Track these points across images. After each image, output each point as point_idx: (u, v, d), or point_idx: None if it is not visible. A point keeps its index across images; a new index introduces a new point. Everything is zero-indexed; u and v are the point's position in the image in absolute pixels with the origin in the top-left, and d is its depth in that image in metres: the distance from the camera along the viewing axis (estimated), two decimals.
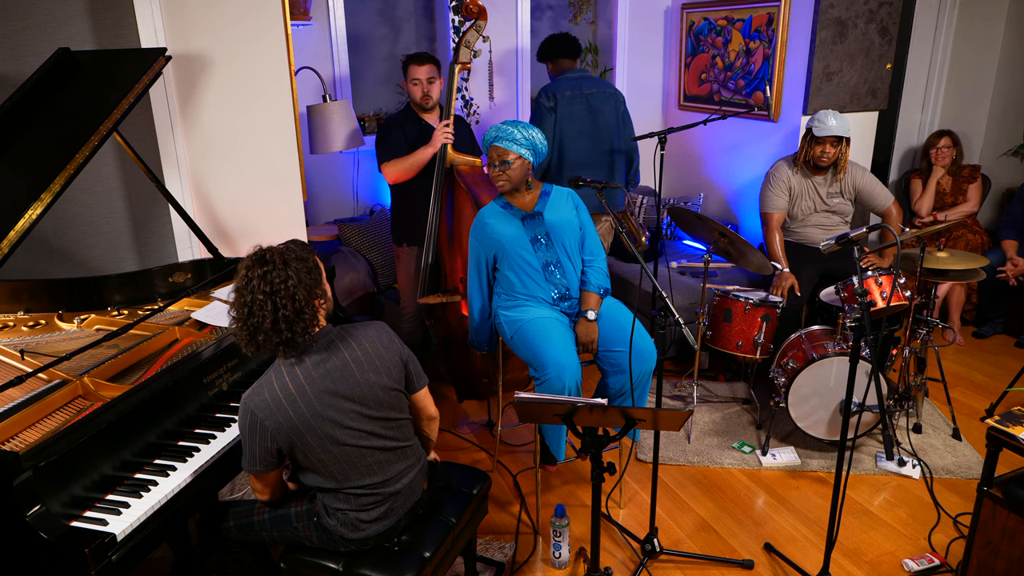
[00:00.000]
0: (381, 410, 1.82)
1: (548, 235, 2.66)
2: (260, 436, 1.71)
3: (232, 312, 1.72)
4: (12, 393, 1.83)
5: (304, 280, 1.71)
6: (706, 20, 4.56)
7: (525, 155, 2.58)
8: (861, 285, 2.12)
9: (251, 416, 1.71)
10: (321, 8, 4.15)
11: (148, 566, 2.47)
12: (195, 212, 2.92)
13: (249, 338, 1.70)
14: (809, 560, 2.52)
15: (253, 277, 1.68)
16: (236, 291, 1.71)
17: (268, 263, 1.69)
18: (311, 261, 1.76)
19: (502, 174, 2.59)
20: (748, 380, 3.74)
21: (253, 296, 1.67)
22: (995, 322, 4.37)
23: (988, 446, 2.08)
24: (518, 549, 2.62)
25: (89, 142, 2.14)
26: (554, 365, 2.43)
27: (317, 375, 1.74)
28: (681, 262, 4.30)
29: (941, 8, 4.55)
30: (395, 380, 1.86)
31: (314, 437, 1.73)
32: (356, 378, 1.78)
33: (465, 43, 3.30)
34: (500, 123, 2.62)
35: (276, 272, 1.68)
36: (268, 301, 1.66)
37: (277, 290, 1.67)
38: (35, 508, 1.55)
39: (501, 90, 4.63)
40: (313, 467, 1.79)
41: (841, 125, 3.48)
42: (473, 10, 3.31)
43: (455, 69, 3.30)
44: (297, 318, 1.69)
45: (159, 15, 2.67)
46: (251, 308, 1.67)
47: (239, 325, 1.70)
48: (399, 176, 3.34)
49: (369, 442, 1.80)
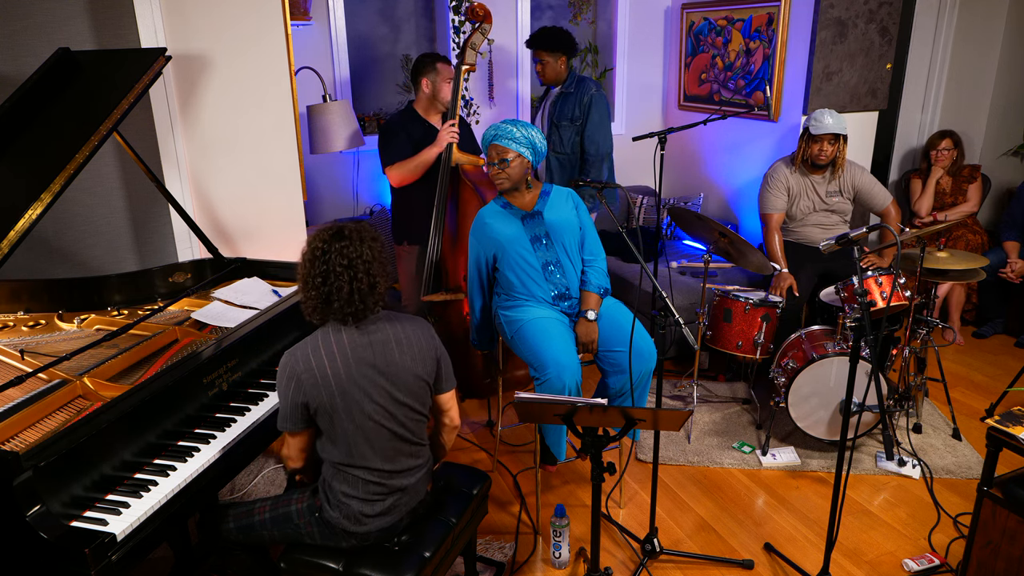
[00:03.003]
0: (408, 397, 1.86)
1: (548, 235, 2.66)
2: (295, 389, 1.77)
3: (301, 278, 1.79)
4: (12, 393, 1.83)
5: (378, 257, 1.80)
6: (706, 20, 4.56)
7: (525, 154, 2.58)
8: (861, 285, 2.12)
9: (290, 368, 1.78)
10: (321, 8, 4.15)
11: (148, 566, 2.47)
12: (195, 212, 2.92)
13: (322, 304, 1.77)
14: (809, 560, 2.52)
15: (331, 249, 1.75)
16: (309, 260, 1.77)
17: (346, 238, 1.76)
18: (381, 240, 1.84)
19: (501, 172, 2.59)
20: (748, 380, 3.74)
21: (330, 266, 1.74)
22: (995, 322, 4.37)
23: (988, 446, 2.08)
24: (518, 549, 2.62)
25: (89, 142, 2.14)
26: (554, 365, 2.43)
27: (360, 344, 1.80)
28: (681, 262, 4.30)
29: (941, 8, 4.55)
30: (427, 372, 1.90)
31: (344, 399, 1.78)
32: (394, 357, 1.83)
33: (471, 45, 3.32)
34: (500, 122, 2.63)
35: (354, 247, 1.76)
36: (345, 273, 1.74)
37: (355, 264, 1.75)
38: (35, 508, 1.54)
39: (501, 90, 4.63)
40: (331, 435, 1.82)
41: (837, 123, 3.48)
42: (479, 13, 3.34)
43: (461, 71, 3.32)
44: (371, 291, 1.78)
45: (159, 15, 2.67)
46: (326, 277, 1.74)
47: (311, 292, 1.77)
48: (405, 178, 3.33)
49: (389, 424, 1.83)
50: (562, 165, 3.84)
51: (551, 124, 3.82)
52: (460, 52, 3.34)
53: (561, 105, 3.78)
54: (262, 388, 2.24)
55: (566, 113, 3.76)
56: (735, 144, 4.55)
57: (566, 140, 3.79)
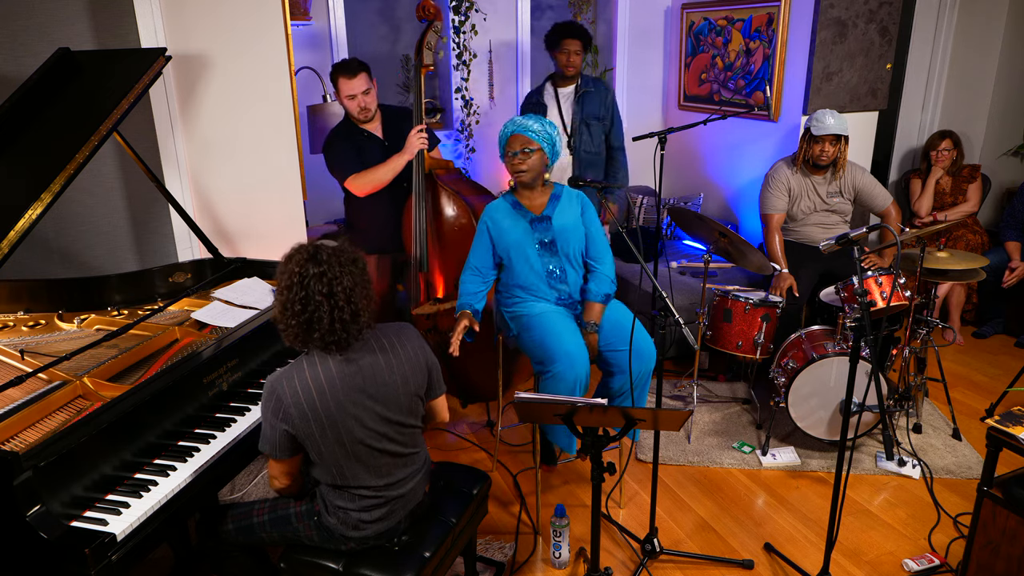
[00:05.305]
0: (400, 414, 1.82)
1: (554, 241, 2.64)
2: (282, 418, 1.71)
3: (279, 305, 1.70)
4: (12, 393, 1.83)
5: (360, 282, 1.71)
6: (706, 20, 4.56)
7: (546, 148, 2.57)
8: (861, 285, 2.12)
9: (277, 399, 1.71)
10: (321, 8, 4.16)
11: (148, 566, 2.47)
12: (195, 212, 2.92)
13: (304, 333, 1.68)
14: (809, 560, 2.52)
15: (308, 275, 1.65)
16: (285, 286, 1.68)
17: (324, 263, 1.66)
18: (361, 262, 1.75)
19: (523, 163, 2.56)
20: (748, 380, 3.74)
21: (309, 294, 1.65)
22: (995, 322, 4.37)
23: (988, 446, 2.08)
24: (518, 549, 2.62)
25: (89, 142, 2.14)
26: (565, 356, 2.44)
27: (349, 371, 1.74)
28: (681, 262, 4.30)
29: (941, 8, 4.55)
30: (419, 385, 1.86)
31: (333, 431, 1.73)
32: (384, 379, 1.78)
33: (427, 46, 3.17)
34: (521, 116, 2.61)
35: (332, 272, 1.66)
36: (326, 302, 1.65)
37: (335, 291, 1.66)
38: (35, 508, 1.54)
39: (501, 90, 4.63)
40: (324, 462, 1.78)
41: (839, 124, 3.49)
42: (431, 11, 3.20)
43: (421, 73, 3.17)
44: (353, 320, 1.69)
45: (159, 15, 2.67)
46: (305, 304, 1.65)
47: (291, 320, 1.68)
48: (373, 187, 3.15)
49: (382, 445, 1.80)
50: (592, 164, 3.82)
51: (582, 123, 3.77)
52: (417, 54, 3.18)
53: (586, 104, 3.75)
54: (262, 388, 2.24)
55: (593, 112, 3.75)
56: (735, 144, 4.54)
57: (595, 138, 3.79)
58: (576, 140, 3.75)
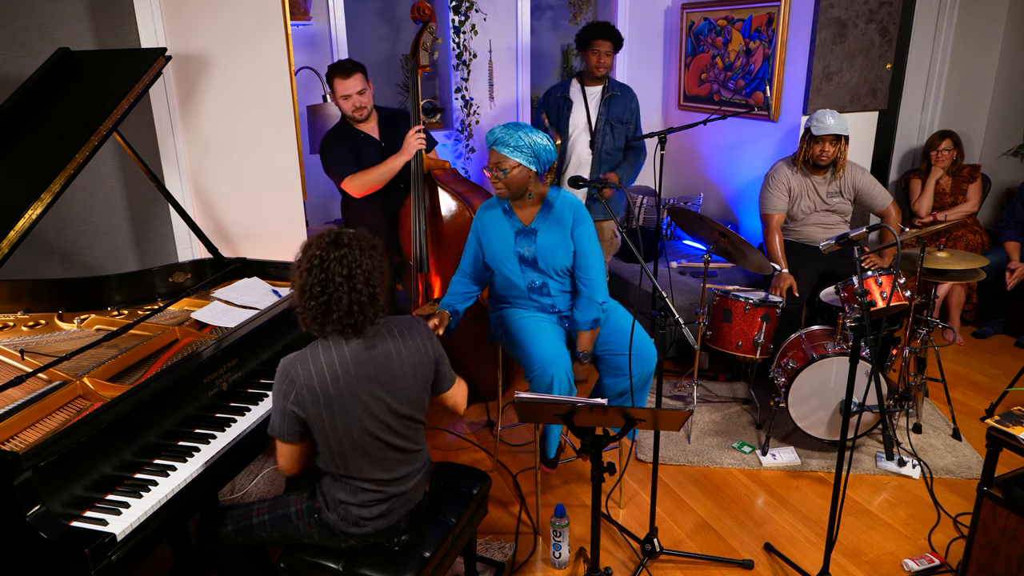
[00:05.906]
0: (408, 408, 1.83)
1: (535, 258, 2.56)
2: (293, 400, 1.73)
3: (297, 288, 1.72)
4: (12, 393, 1.83)
5: (378, 266, 1.74)
6: (706, 20, 4.56)
7: (525, 162, 2.41)
8: (861, 285, 2.12)
9: (289, 381, 1.72)
10: (321, 8, 4.15)
11: (148, 566, 2.47)
12: (195, 212, 2.92)
13: (322, 315, 1.70)
14: (809, 560, 2.52)
15: (329, 258, 1.68)
16: (306, 269, 1.70)
17: (345, 245, 1.70)
18: (380, 248, 1.78)
19: (498, 181, 2.46)
20: (748, 380, 3.74)
21: (328, 275, 1.67)
22: (995, 322, 4.37)
23: (988, 446, 2.08)
24: (518, 549, 2.62)
25: (89, 142, 2.14)
26: (539, 362, 2.43)
27: (362, 359, 1.75)
28: (681, 262, 4.30)
29: (941, 8, 4.55)
30: (427, 379, 1.88)
31: (342, 418, 1.74)
32: (395, 370, 1.80)
33: (422, 46, 3.17)
34: (504, 125, 2.47)
35: (352, 255, 1.69)
36: (345, 283, 1.68)
37: (354, 274, 1.69)
38: (35, 508, 1.54)
39: (501, 90, 4.63)
40: (329, 449, 1.79)
41: (839, 124, 3.49)
42: (425, 12, 3.21)
43: (418, 73, 3.17)
44: (371, 303, 1.72)
45: (159, 15, 2.67)
46: (325, 286, 1.68)
47: (311, 302, 1.70)
48: (370, 188, 3.16)
49: (387, 437, 1.81)
50: (612, 163, 3.80)
51: (606, 124, 3.75)
52: (413, 55, 3.18)
53: (612, 107, 3.74)
54: (262, 388, 2.24)
55: (618, 116, 3.74)
56: (735, 144, 4.54)
57: (617, 140, 3.78)
58: (599, 139, 3.75)
